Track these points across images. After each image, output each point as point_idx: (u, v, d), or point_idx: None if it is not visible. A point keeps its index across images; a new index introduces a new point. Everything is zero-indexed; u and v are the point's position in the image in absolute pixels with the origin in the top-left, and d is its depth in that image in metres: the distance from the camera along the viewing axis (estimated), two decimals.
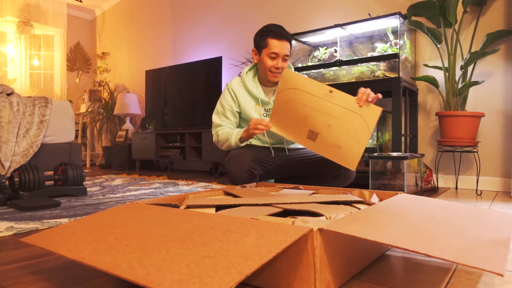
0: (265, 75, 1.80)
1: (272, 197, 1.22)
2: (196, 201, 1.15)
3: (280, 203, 1.10)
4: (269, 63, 1.74)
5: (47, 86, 5.38)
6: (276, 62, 1.74)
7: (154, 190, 2.58)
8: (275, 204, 1.09)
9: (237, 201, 1.13)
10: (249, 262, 0.58)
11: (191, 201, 1.15)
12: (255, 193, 1.35)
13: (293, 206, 1.06)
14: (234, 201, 1.13)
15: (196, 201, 1.14)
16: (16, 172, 2.12)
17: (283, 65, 1.76)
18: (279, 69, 1.75)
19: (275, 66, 1.74)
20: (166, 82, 4.44)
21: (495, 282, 0.82)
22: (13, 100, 2.48)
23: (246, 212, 0.98)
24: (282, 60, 1.75)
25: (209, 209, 1.09)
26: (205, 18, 4.40)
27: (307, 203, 1.12)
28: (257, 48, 1.78)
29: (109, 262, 0.65)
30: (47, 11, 5.23)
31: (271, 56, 1.73)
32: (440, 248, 0.68)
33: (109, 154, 4.80)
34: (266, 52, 1.74)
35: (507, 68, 2.47)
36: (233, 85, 1.85)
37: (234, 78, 1.90)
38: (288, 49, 1.76)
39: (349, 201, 1.17)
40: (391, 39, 2.63)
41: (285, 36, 1.73)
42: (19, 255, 1.07)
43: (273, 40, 1.71)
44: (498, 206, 1.85)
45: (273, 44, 1.72)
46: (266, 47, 1.73)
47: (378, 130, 2.83)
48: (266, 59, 1.75)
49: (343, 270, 0.80)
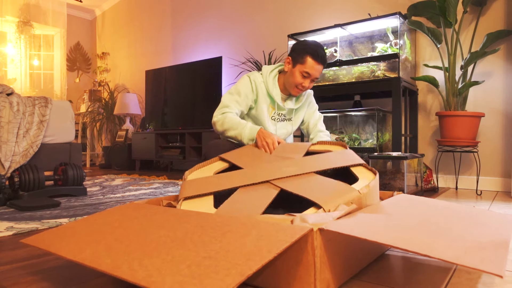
0: (289, 88, 1.79)
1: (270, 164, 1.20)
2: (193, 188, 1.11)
3: (277, 178, 1.08)
4: (299, 79, 1.73)
5: (47, 86, 5.38)
6: (305, 81, 1.73)
7: (154, 190, 2.58)
8: (272, 181, 1.07)
9: (234, 180, 1.11)
10: (249, 262, 0.58)
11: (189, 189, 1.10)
12: (252, 158, 1.31)
13: (290, 185, 1.04)
14: (231, 181, 1.10)
15: (193, 188, 1.11)
16: (16, 172, 2.12)
17: (310, 85, 1.77)
18: (305, 88, 1.76)
19: (303, 85, 1.74)
20: (166, 82, 4.44)
21: (495, 282, 0.82)
22: (13, 100, 2.48)
23: (244, 201, 0.96)
24: (311, 81, 1.75)
25: (207, 198, 1.07)
26: (205, 18, 4.40)
27: (306, 174, 1.09)
28: (293, 59, 1.76)
29: (110, 264, 0.65)
30: (47, 11, 5.23)
31: (304, 75, 1.72)
32: (440, 249, 0.68)
33: (109, 154, 4.80)
34: (300, 68, 1.72)
35: (507, 68, 2.47)
36: (256, 78, 1.81)
37: (254, 72, 1.85)
38: (320, 73, 1.76)
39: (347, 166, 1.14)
40: (391, 39, 2.63)
41: (324, 60, 1.73)
42: (19, 255, 1.07)
43: (312, 60, 1.70)
44: (498, 206, 1.85)
45: (310, 64, 1.70)
46: (302, 63, 1.72)
47: (378, 130, 2.83)
48: (297, 74, 1.73)
49: (343, 269, 0.80)
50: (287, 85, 1.80)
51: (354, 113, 2.93)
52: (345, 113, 2.93)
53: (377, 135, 2.72)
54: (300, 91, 1.78)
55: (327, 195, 0.95)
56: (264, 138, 1.55)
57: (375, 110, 2.55)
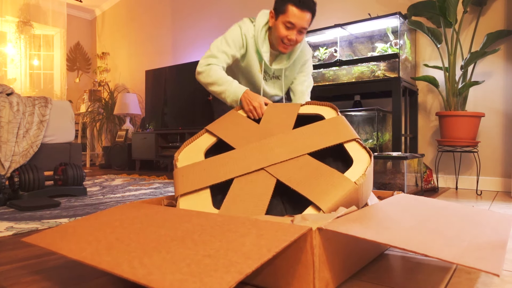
0: (276, 44, 1.62)
1: (261, 144, 1.16)
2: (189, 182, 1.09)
3: (272, 164, 1.07)
4: (283, 32, 1.55)
5: (47, 86, 5.38)
6: (290, 33, 1.55)
7: (154, 190, 2.58)
8: (267, 168, 1.06)
9: (228, 168, 1.09)
10: (249, 261, 0.59)
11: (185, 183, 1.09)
12: (240, 132, 1.27)
13: (286, 175, 1.03)
14: (225, 170, 1.09)
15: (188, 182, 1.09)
16: (16, 172, 2.12)
17: (298, 37, 1.58)
18: (292, 41, 1.58)
19: (288, 37, 1.56)
20: (166, 82, 4.44)
21: (495, 282, 0.82)
22: (13, 100, 2.49)
23: (244, 200, 0.97)
24: (297, 32, 1.56)
25: (204, 192, 1.06)
26: (205, 17, 4.41)
27: (299, 157, 1.08)
28: (275, 11, 1.58)
29: (110, 262, 0.65)
30: (47, 11, 5.23)
31: (287, 25, 1.54)
32: (438, 248, 0.68)
33: (109, 154, 4.80)
34: (283, 19, 1.54)
35: (507, 68, 2.47)
36: (247, 32, 1.64)
37: (246, 22, 1.67)
38: (307, 22, 1.56)
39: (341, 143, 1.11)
40: (391, 39, 2.64)
41: (308, 6, 1.52)
42: (19, 255, 1.07)
43: (293, 8, 1.51)
44: (498, 206, 1.85)
45: (292, 13, 1.51)
46: (283, 13, 1.53)
47: (378, 130, 2.84)
48: (280, 27, 1.55)
49: (342, 269, 0.81)
50: (274, 42, 1.63)
51: (354, 113, 2.93)
52: (345, 113, 2.94)
53: (377, 135, 2.72)
54: (287, 47, 1.61)
55: (323, 190, 0.94)
56: (250, 102, 1.44)
57: (375, 110, 2.56)
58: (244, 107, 1.45)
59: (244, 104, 1.46)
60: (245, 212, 0.95)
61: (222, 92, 1.57)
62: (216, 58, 1.61)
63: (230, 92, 1.55)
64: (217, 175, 1.09)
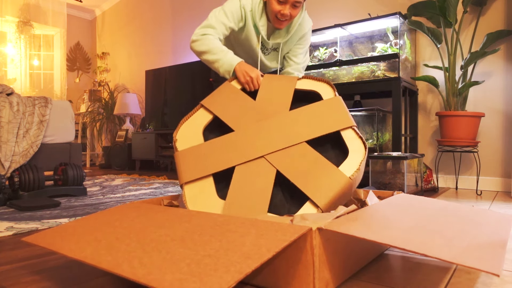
0: (271, 19, 1.59)
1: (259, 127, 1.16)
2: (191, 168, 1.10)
3: (271, 152, 1.09)
4: (276, 7, 1.50)
5: (47, 86, 5.38)
6: (283, 7, 1.50)
7: (154, 190, 2.58)
8: (267, 156, 1.08)
9: (229, 156, 1.11)
10: (248, 261, 0.59)
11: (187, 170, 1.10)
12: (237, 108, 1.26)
13: (285, 166, 1.05)
14: (227, 157, 1.10)
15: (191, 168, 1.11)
16: (16, 172, 2.12)
17: (293, 12, 1.53)
18: (286, 16, 1.53)
19: (281, 13, 1.51)
20: (166, 82, 4.44)
21: (495, 282, 0.82)
22: (13, 100, 2.49)
23: (248, 192, 0.99)
24: (291, 6, 1.51)
25: (208, 180, 1.08)
26: (205, 17, 4.41)
27: (297, 145, 1.09)
28: None
29: (110, 262, 0.65)
30: (47, 11, 5.23)
31: (279, 0, 1.50)
32: (438, 248, 0.68)
33: (109, 154, 4.80)
34: None
35: (507, 68, 2.47)
36: (246, 5, 1.60)
37: None
38: None
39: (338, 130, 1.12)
40: (391, 39, 2.64)
41: None
42: (19, 255, 1.07)
43: None
44: (498, 206, 1.85)
45: None
46: None
47: (378, 130, 2.84)
48: (273, 2, 1.51)
49: (342, 269, 0.81)
50: (270, 17, 1.59)
51: (354, 113, 2.93)
52: None
53: (377, 135, 2.72)
54: (282, 22, 1.56)
55: (320, 185, 0.98)
56: (247, 73, 1.40)
57: (375, 110, 2.56)
58: (240, 78, 1.41)
59: (240, 75, 1.41)
60: (248, 211, 0.97)
61: (215, 61, 1.52)
62: (213, 28, 1.57)
63: (224, 61, 1.50)
64: (218, 162, 1.10)
